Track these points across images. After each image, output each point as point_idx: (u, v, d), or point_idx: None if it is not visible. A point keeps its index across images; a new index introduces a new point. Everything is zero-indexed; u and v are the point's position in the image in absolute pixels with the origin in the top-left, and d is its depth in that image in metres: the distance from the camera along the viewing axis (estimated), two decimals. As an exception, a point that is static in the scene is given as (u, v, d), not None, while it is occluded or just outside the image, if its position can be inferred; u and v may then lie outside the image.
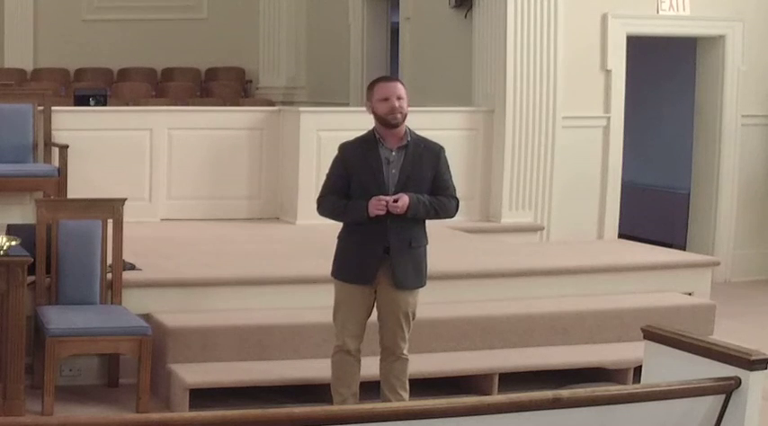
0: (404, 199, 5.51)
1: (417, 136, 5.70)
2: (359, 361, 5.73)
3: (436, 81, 10.26)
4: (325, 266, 5.86)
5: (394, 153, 5.62)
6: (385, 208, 5.49)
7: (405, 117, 5.60)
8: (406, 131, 5.64)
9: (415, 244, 5.63)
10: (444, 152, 5.69)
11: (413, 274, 5.63)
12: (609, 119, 9.73)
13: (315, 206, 5.84)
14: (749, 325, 8.31)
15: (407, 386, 5.73)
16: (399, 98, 5.57)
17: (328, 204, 5.70)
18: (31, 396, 6.16)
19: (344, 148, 5.75)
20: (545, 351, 6.95)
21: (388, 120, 5.57)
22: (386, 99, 5.58)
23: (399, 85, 5.65)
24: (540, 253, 8.33)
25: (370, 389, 5.84)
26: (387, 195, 5.53)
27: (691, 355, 3.78)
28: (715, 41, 10.12)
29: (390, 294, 5.61)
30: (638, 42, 10.06)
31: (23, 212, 8.35)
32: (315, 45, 12.76)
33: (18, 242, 6.12)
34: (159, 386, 6.39)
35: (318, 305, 6.50)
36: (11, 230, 6.56)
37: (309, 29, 12.84)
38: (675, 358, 3.82)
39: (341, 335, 5.71)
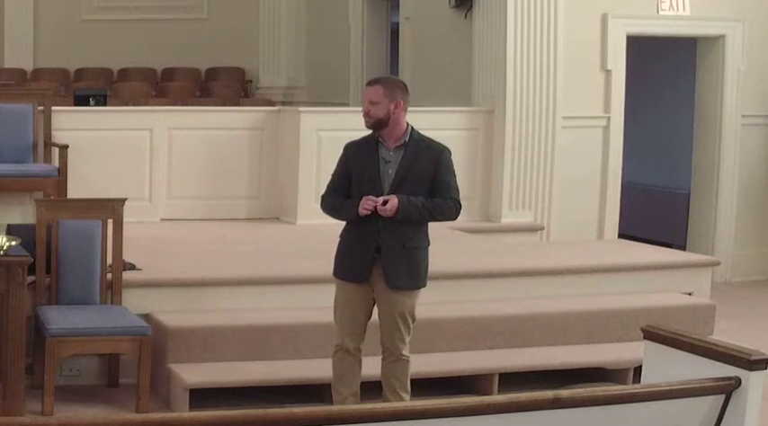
0: (393, 201, 5.50)
1: (421, 136, 5.69)
2: (359, 361, 5.73)
3: (436, 81, 10.26)
4: (325, 266, 5.86)
5: (392, 152, 5.62)
6: (372, 208, 5.49)
7: (378, 121, 5.57)
8: (406, 131, 5.64)
9: (410, 245, 5.61)
10: (448, 153, 5.66)
11: (407, 275, 5.60)
12: (609, 119, 9.73)
13: (315, 206, 5.89)
14: (749, 325, 8.31)
15: (408, 388, 5.73)
16: (372, 103, 5.57)
17: (329, 202, 5.74)
18: (31, 396, 6.17)
19: (348, 147, 5.79)
20: (545, 351, 6.95)
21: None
22: (363, 102, 5.63)
23: (376, 89, 5.59)
24: (540, 253, 8.33)
25: (371, 389, 5.84)
26: (381, 194, 5.54)
27: (691, 355, 3.77)
28: (715, 41, 10.13)
29: (385, 294, 5.61)
30: (638, 42, 10.06)
31: (23, 212, 8.35)
32: (315, 45, 12.76)
33: (18, 242, 6.12)
34: (159, 386, 6.39)
35: (318, 305, 6.50)
36: (11, 230, 6.56)
37: (309, 29, 12.85)
38: (675, 358, 3.82)
39: (340, 334, 5.72)
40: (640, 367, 4.15)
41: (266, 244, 8.29)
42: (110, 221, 6.67)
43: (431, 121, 8.41)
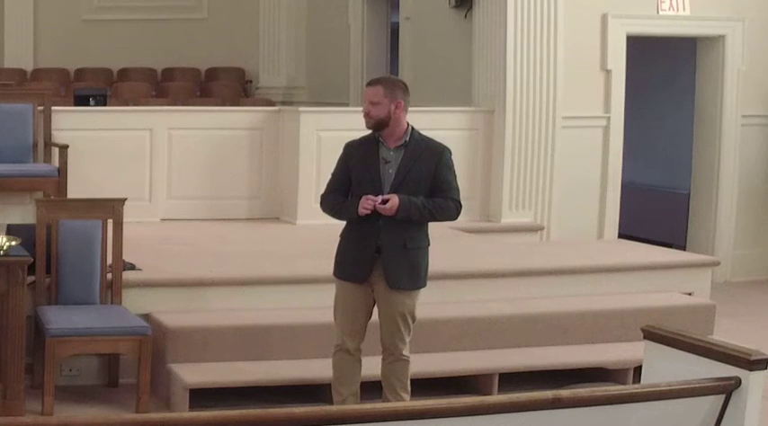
0: (393, 201, 5.49)
1: (421, 136, 5.68)
2: (359, 361, 5.73)
3: (436, 81, 10.26)
4: (325, 266, 5.86)
5: (392, 152, 5.62)
6: (372, 207, 5.49)
7: (379, 121, 5.56)
8: (407, 131, 5.64)
9: (411, 245, 5.60)
10: (449, 153, 5.66)
11: (408, 275, 5.60)
12: (609, 119, 9.73)
13: (315, 206, 5.88)
14: (749, 325, 8.31)
15: (408, 388, 5.73)
16: (372, 103, 5.56)
17: (328, 201, 5.73)
18: (31, 396, 6.17)
19: (348, 147, 5.78)
20: (545, 351, 6.95)
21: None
22: (364, 102, 5.63)
23: (377, 89, 5.58)
24: (540, 253, 8.33)
25: (372, 389, 5.84)
26: (381, 194, 5.53)
27: (691, 355, 3.77)
28: (715, 41, 10.13)
29: (385, 294, 5.61)
30: (637, 42, 10.06)
31: (23, 212, 8.34)
32: (315, 45, 12.76)
33: (18, 242, 6.12)
34: (159, 386, 6.39)
35: (318, 305, 6.50)
36: (11, 230, 6.56)
37: (309, 29, 12.85)
38: (675, 358, 3.82)
39: (340, 334, 5.72)
40: (640, 367, 4.15)
41: (266, 244, 8.28)
42: (110, 221, 6.67)
43: (431, 121, 8.42)
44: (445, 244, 7.70)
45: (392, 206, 5.49)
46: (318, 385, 6.21)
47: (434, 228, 5.83)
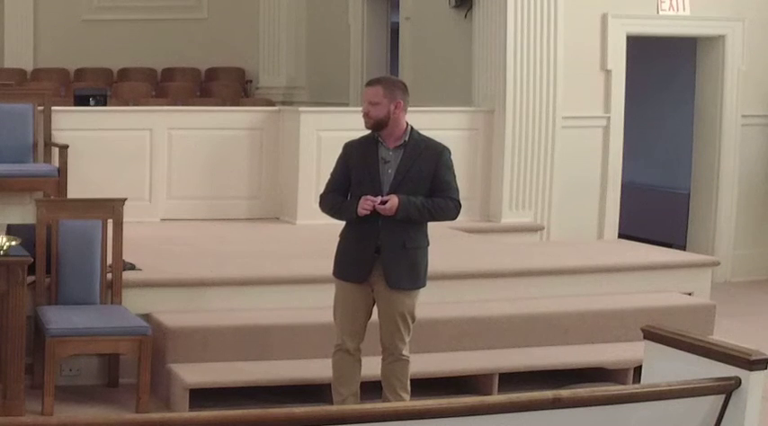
0: (393, 201, 5.49)
1: (420, 136, 5.68)
2: (359, 361, 5.73)
3: (436, 81, 10.26)
4: (325, 266, 5.86)
5: (391, 152, 5.62)
6: (371, 208, 5.49)
7: (378, 121, 5.56)
8: (406, 130, 5.64)
9: (411, 245, 5.60)
10: (448, 153, 5.66)
11: (407, 275, 5.60)
12: (609, 119, 9.74)
13: (315, 206, 5.88)
14: (749, 325, 8.32)
15: (408, 387, 5.73)
16: (372, 103, 5.56)
17: (328, 201, 5.74)
18: (31, 396, 6.17)
19: (347, 147, 5.78)
20: (545, 351, 6.95)
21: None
22: (363, 103, 5.63)
23: (376, 89, 5.58)
24: (540, 253, 8.33)
25: (372, 389, 5.84)
26: (380, 194, 5.53)
27: (691, 355, 3.77)
28: (715, 41, 10.13)
29: (385, 294, 5.61)
30: (637, 42, 10.06)
31: (23, 212, 8.34)
32: (315, 45, 12.76)
33: (18, 242, 6.12)
34: (159, 386, 6.39)
35: (318, 305, 6.50)
36: (11, 230, 6.56)
37: (309, 29, 12.85)
38: (675, 358, 3.82)
39: (340, 334, 5.72)
40: (640, 367, 4.15)
41: (266, 244, 8.28)
42: (110, 221, 6.67)
43: (431, 121, 8.42)
44: (445, 244, 7.70)
45: (391, 206, 5.49)
46: (318, 385, 6.21)
47: (434, 228, 5.83)
